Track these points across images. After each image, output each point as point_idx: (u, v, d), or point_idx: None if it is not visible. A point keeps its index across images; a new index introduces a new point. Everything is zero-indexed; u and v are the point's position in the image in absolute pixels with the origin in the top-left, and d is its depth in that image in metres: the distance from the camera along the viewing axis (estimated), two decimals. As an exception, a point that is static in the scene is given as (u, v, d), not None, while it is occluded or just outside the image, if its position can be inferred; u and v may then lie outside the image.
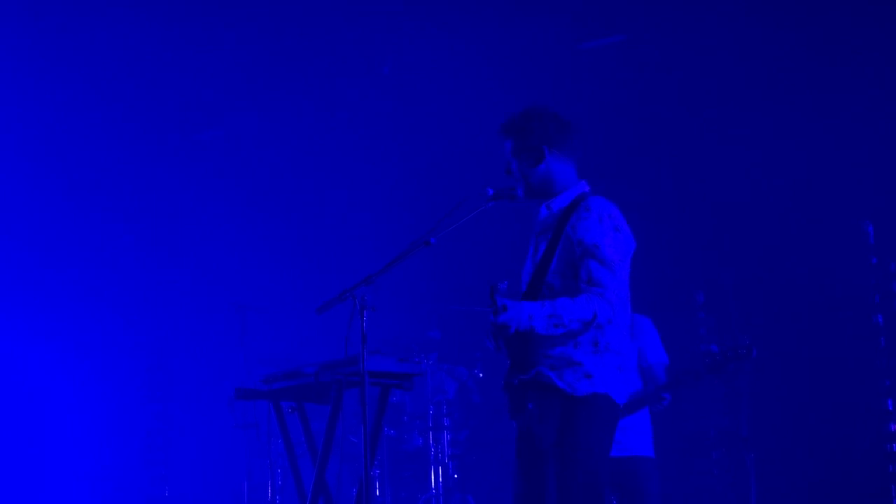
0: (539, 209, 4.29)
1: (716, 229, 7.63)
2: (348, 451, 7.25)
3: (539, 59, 8.16)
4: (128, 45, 8.37)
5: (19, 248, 8.99)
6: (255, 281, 9.00)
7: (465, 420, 7.99)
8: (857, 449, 5.74)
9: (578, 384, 4.00)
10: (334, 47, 8.35)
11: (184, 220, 9.41)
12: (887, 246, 7.15)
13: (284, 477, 7.61)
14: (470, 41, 8.09)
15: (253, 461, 7.81)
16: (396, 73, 8.47)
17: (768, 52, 7.47)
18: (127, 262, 9.24)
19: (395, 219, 8.47)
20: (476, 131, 7.49)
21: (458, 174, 7.96)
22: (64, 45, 8.32)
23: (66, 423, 9.05)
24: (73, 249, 9.08)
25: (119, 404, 9.23)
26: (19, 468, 8.83)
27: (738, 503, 7.22)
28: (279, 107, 8.89)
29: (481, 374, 8.02)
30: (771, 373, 6.96)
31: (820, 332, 7.16)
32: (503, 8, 7.89)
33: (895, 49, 7.09)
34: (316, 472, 4.78)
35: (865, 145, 7.20)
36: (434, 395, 7.82)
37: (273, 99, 8.81)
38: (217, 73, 8.63)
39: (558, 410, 4.04)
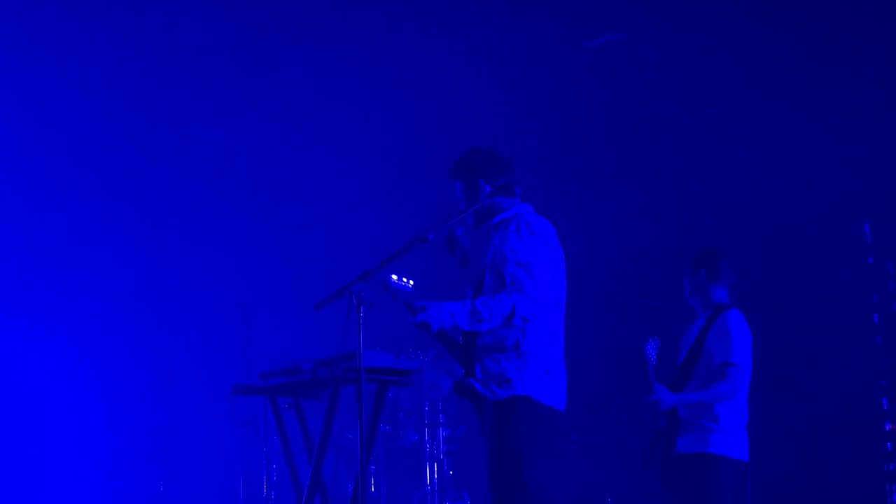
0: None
1: (713, 228, 7.63)
2: (344, 448, 7.27)
3: (540, 57, 8.15)
4: (129, 42, 8.35)
5: (19, 245, 8.96)
6: (256, 278, 8.99)
7: (461, 417, 7.99)
8: (853, 447, 5.76)
9: (499, 389, 4.25)
10: (338, 44, 8.33)
11: (184, 218, 9.39)
12: (884, 246, 7.16)
13: (280, 473, 7.61)
14: (471, 39, 8.08)
15: (249, 457, 7.81)
16: (397, 70, 8.46)
17: (767, 52, 7.47)
18: (127, 260, 9.22)
19: (394, 215, 8.46)
20: (476, 128, 7.50)
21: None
22: (62, 42, 8.29)
23: (64, 419, 9.03)
24: (73, 246, 9.06)
25: (118, 401, 9.21)
26: (18, 464, 8.81)
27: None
28: (280, 105, 8.87)
29: (478, 372, 8.01)
30: (767, 371, 6.95)
31: (817, 331, 7.17)
32: (505, 6, 7.88)
33: (892, 50, 7.09)
34: (312, 467, 4.78)
35: (863, 146, 7.21)
36: (430, 392, 7.82)
37: (274, 97, 8.79)
38: (219, 70, 8.61)
39: (487, 416, 4.28)
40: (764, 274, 7.43)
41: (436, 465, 7.65)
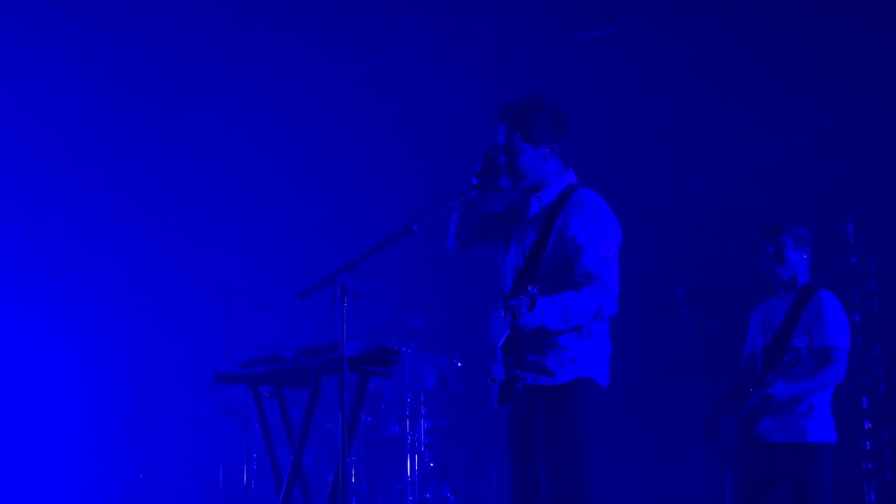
0: (524, 199, 4.28)
1: (698, 225, 7.66)
2: (325, 438, 7.26)
3: (531, 50, 8.15)
4: (114, 32, 8.32)
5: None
6: (239, 266, 8.97)
7: (444, 409, 8.00)
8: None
9: (562, 370, 4.03)
10: (326, 35, 8.32)
11: (168, 205, 9.36)
12: (866, 245, 7.19)
13: (261, 462, 7.60)
14: (461, 31, 8.09)
15: (230, 446, 7.80)
16: (388, 62, 8.45)
17: (755, 52, 7.49)
18: (110, 246, 9.17)
19: (380, 206, 8.45)
20: (464, 121, 7.49)
21: (445, 163, 7.95)
22: (49, 32, 8.26)
23: (45, 406, 9.00)
24: (54, 233, 9.01)
25: (99, 388, 9.18)
26: (-4, 450, 8.79)
27: (717, 499, 7.25)
28: (264, 93, 8.85)
29: (460, 364, 8.03)
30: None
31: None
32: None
33: (877, 52, 7.11)
34: (293, 457, 4.77)
35: (847, 145, 7.23)
36: (413, 384, 7.83)
37: (258, 85, 8.77)
38: (204, 60, 8.59)
39: (544, 397, 4.05)
40: (746, 270, 7.45)
41: (417, 457, 7.65)
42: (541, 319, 3.88)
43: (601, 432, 4.03)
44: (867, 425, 7.14)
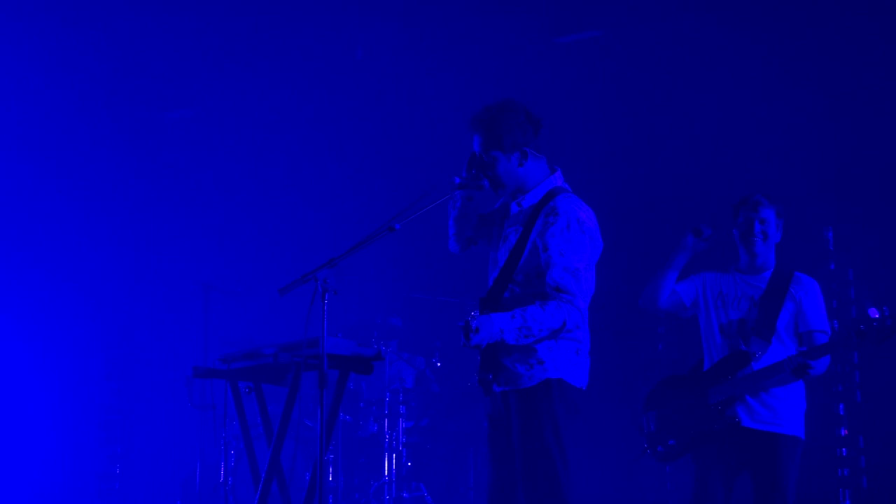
0: (505, 202, 4.31)
1: (677, 228, 7.66)
2: (304, 435, 7.25)
3: (513, 51, 8.16)
4: (84, 28, 8.28)
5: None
6: (220, 261, 8.95)
7: (423, 409, 8.00)
8: (808, 452, 5.78)
9: (531, 372, 4.06)
10: (306, 32, 8.30)
11: (148, 199, 9.34)
12: (845, 253, 7.23)
13: (238, 458, 7.59)
14: (444, 29, 8.09)
15: (207, 441, 7.78)
16: (369, 58, 8.44)
17: (736, 57, 7.51)
18: (89, 240, 9.15)
19: (362, 203, 8.45)
20: (445, 120, 7.49)
21: (427, 161, 7.96)
22: (26, 21, 8.22)
23: (23, 400, 8.96)
24: (31, 228, 8.98)
25: (76, 382, 9.15)
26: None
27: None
28: (246, 88, 8.84)
29: (439, 364, 8.04)
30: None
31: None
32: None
33: (858, 58, 7.15)
34: (270, 453, 4.76)
35: (827, 152, 7.27)
36: (391, 383, 7.83)
37: (240, 80, 8.76)
38: (187, 54, 8.56)
39: (516, 400, 4.08)
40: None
41: (394, 456, 7.66)
42: (498, 336, 3.95)
43: (574, 433, 4.05)
44: (843, 432, 7.17)
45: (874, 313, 4.63)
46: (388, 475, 7.60)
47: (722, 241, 5.19)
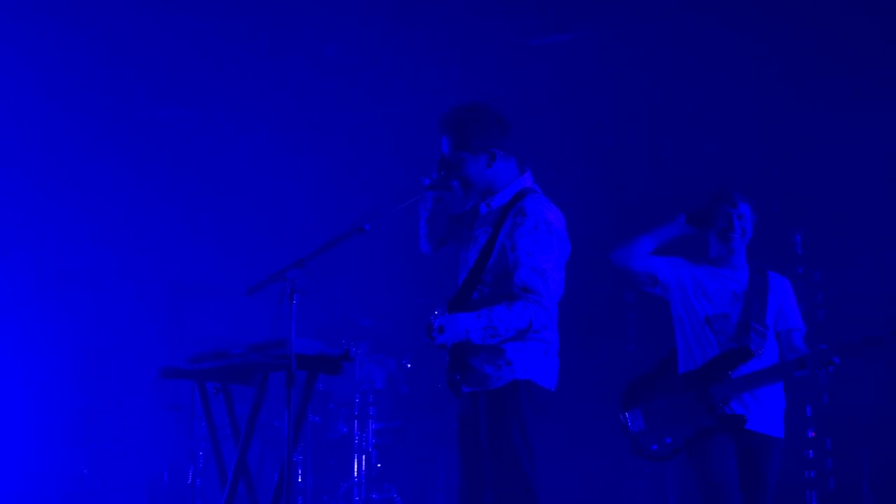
0: (476, 203, 4.31)
1: (645, 227, 7.69)
2: (271, 436, 7.22)
3: (486, 52, 8.17)
4: (61, 18, 8.22)
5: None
6: (190, 260, 8.91)
7: (393, 410, 8.00)
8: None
9: (499, 373, 4.06)
10: (275, 29, 8.26)
11: (116, 199, 9.27)
12: (814, 257, 7.28)
13: (206, 459, 7.55)
14: (417, 29, 8.07)
15: (175, 442, 7.74)
16: (340, 57, 8.41)
17: (707, 63, 7.54)
18: (59, 238, 9.08)
19: (331, 203, 8.43)
20: (417, 120, 7.48)
21: (398, 162, 7.94)
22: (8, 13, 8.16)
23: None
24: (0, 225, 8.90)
25: (42, 381, 9.07)
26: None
27: (662, 500, 7.31)
28: (215, 87, 8.79)
29: (409, 365, 8.04)
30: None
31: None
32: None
33: (830, 62, 7.20)
34: (237, 454, 4.74)
35: (796, 156, 7.31)
36: (362, 384, 7.82)
37: (209, 79, 8.71)
38: (151, 54, 8.49)
39: (484, 401, 4.08)
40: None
41: (364, 457, 7.64)
42: (464, 335, 3.95)
43: (542, 434, 4.04)
44: (810, 434, 7.22)
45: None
46: (357, 476, 7.59)
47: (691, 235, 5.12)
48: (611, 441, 7.57)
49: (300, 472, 7.56)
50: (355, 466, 7.63)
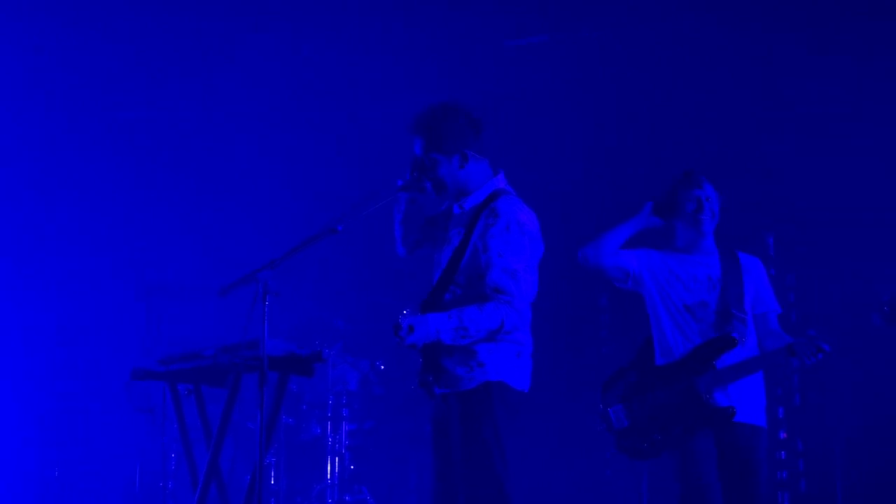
0: (450, 204, 4.31)
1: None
2: (244, 438, 7.20)
3: (462, 53, 8.17)
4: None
5: None
6: (163, 262, 8.86)
7: (367, 412, 7.99)
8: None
9: (471, 374, 4.05)
10: (248, 31, 8.23)
11: (87, 200, 9.20)
12: (786, 258, 7.32)
13: (178, 461, 7.52)
14: (391, 29, 8.06)
15: (147, 445, 7.70)
16: (314, 56, 8.38)
17: (679, 63, 7.57)
18: (29, 239, 9.01)
19: (303, 204, 8.40)
20: (390, 121, 7.46)
21: (372, 163, 7.92)
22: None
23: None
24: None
25: (12, 382, 9.00)
26: None
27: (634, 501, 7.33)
28: (185, 85, 8.73)
29: (383, 367, 8.02)
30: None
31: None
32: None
33: (801, 65, 7.24)
34: (209, 456, 4.72)
35: (769, 158, 7.35)
36: (335, 386, 7.80)
37: (178, 77, 8.65)
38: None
39: (456, 403, 4.08)
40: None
41: (337, 459, 7.63)
42: (434, 336, 3.95)
43: (514, 436, 4.04)
44: (782, 435, 7.26)
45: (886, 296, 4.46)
46: (330, 478, 7.58)
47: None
48: (585, 442, 7.63)
49: (273, 473, 7.53)
50: (328, 468, 7.61)
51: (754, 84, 7.42)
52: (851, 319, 5.83)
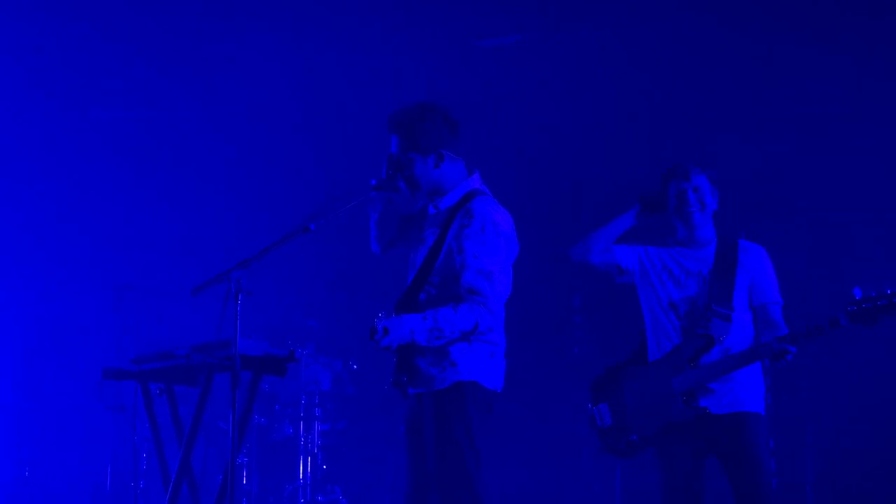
0: (425, 204, 4.31)
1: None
2: (216, 437, 7.18)
3: (435, 53, 8.17)
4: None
5: None
6: (135, 261, 8.81)
7: (339, 412, 7.98)
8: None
9: (443, 374, 4.06)
10: (226, 32, 8.20)
11: (60, 199, 9.15)
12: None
13: (150, 461, 7.48)
14: (365, 31, 8.05)
15: (118, 444, 7.66)
16: (287, 55, 8.36)
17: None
18: (0, 239, 8.96)
19: (275, 204, 8.39)
20: (363, 121, 7.46)
21: (346, 162, 7.92)
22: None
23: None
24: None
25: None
26: None
27: (608, 501, 7.35)
28: (160, 84, 8.70)
29: (356, 367, 8.02)
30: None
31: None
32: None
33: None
34: (181, 456, 4.70)
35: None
36: (307, 386, 7.79)
37: (154, 75, 8.62)
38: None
39: (429, 402, 4.08)
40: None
41: (310, 458, 7.62)
42: (409, 337, 3.95)
43: (487, 436, 4.05)
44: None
45: (857, 293, 4.37)
46: (303, 478, 7.57)
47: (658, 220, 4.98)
48: (558, 441, 7.65)
49: (245, 473, 7.51)
50: (301, 468, 7.59)
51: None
52: (823, 308, 5.84)
